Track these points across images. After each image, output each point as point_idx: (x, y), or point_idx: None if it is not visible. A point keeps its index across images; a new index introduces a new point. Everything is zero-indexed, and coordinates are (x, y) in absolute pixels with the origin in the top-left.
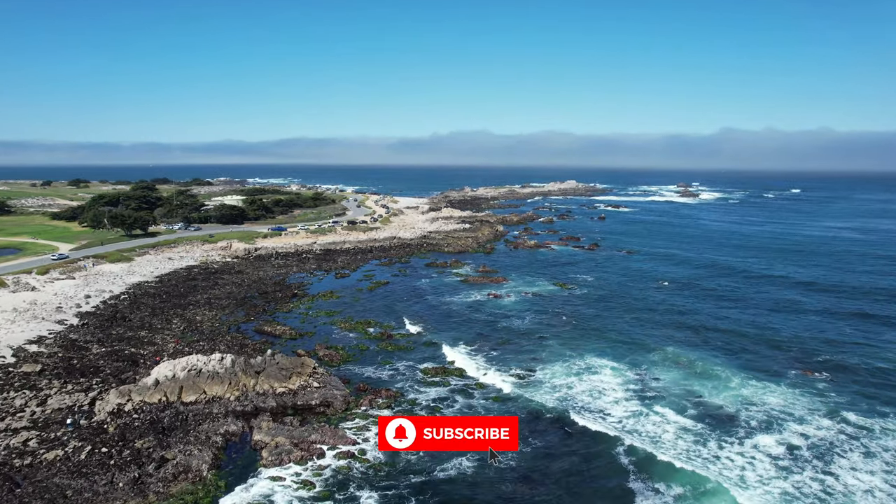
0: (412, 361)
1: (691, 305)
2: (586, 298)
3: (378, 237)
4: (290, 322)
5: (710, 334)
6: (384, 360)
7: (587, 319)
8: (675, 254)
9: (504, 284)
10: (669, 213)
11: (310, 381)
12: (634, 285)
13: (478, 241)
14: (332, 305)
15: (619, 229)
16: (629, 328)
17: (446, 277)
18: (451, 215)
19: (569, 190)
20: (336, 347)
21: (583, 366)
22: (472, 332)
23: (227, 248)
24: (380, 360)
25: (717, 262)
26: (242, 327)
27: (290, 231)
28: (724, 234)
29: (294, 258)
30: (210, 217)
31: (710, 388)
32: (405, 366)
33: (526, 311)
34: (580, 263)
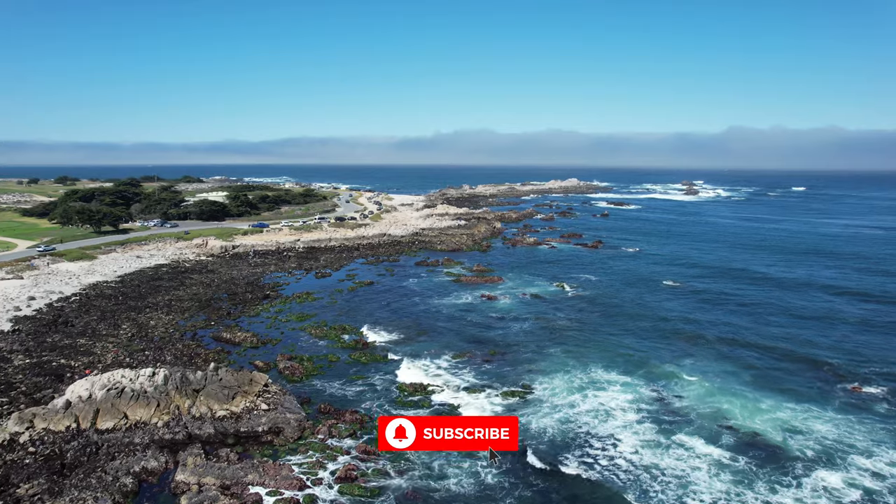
0: (389, 375)
1: (708, 311)
2: (590, 301)
3: (367, 234)
4: (255, 328)
5: (732, 345)
6: (356, 374)
7: (591, 325)
8: (686, 253)
9: (500, 285)
10: (675, 210)
11: (258, 401)
12: (643, 286)
13: (473, 239)
14: (306, 308)
15: (623, 227)
16: (640, 336)
17: (437, 277)
18: (447, 212)
19: (570, 188)
20: (301, 358)
21: (587, 380)
22: (461, 340)
23: (202, 246)
24: (351, 373)
25: (733, 263)
26: (199, 334)
27: (273, 228)
28: (737, 233)
29: (273, 256)
30: (190, 213)
31: (740, 410)
32: (380, 380)
33: (523, 315)
34: (583, 262)
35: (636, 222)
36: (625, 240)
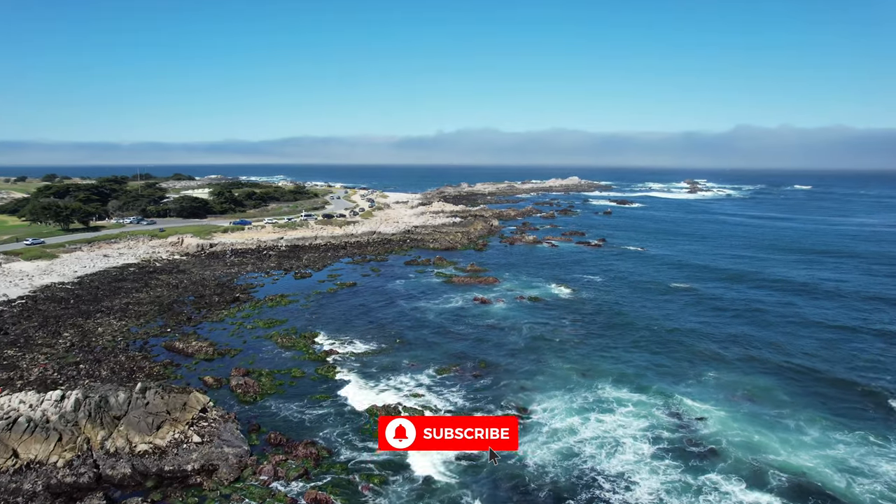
0: (360, 394)
1: (726, 318)
2: (594, 305)
3: (356, 232)
4: (216, 335)
5: (758, 359)
6: (321, 393)
7: (596, 333)
8: (695, 252)
9: (495, 287)
10: (680, 208)
11: (189, 431)
12: (651, 289)
13: (469, 237)
14: (277, 313)
15: (626, 225)
16: (650, 347)
17: (426, 278)
18: (442, 209)
19: (571, 186)
20: (259, 373)
21: (592, 399)
22: (448, 351)
23: (177, 245)
24: (316, 391)
25: (747, 265)
26: (150, 343)
27: (256, 225)
28: (747, 232)
29: (252, 255)
30: (170, 211)
31: (780, 443)
32: (348, 401)
33: (520, 321)
34: (586, 262)
35: (640, 220)
36: (629, 238)
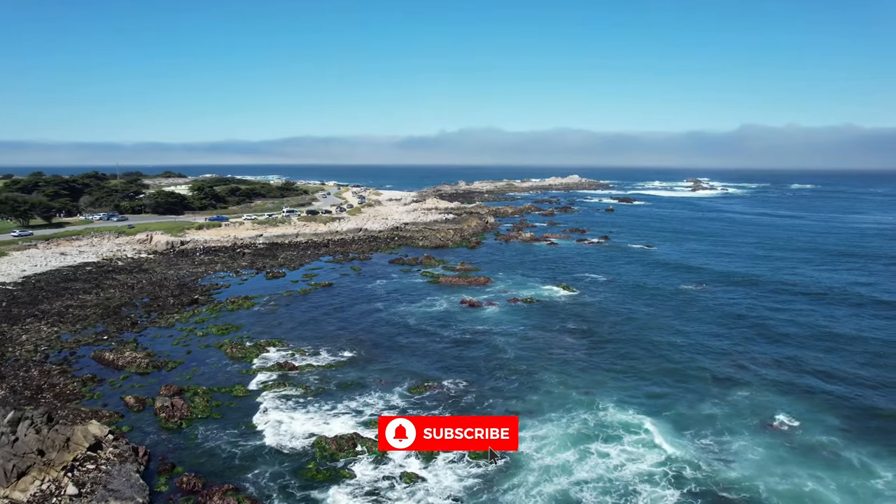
0: (310, 421)
1: (749, 324)
2: (598, 308)
3: (341, 229)
4: (158, 343)
5: (794, 375)
6: (267, 418)
7: (600, 341)
8: (704, 251)
9: (487, 287)
10: (687, 205)
11: (65, 479)
12: (663, 290)
13: (462, 234)
14: (237, 317)
15: (630, 223)
16: (665, 358)
17: (411, 278)
18: (436, 206)
19: (572, 185)
20: (195, 391)
21: (593, 424)
22: (426, 363)
23: (145, 242)
24: (259, 416)
25: (767, 265)
26: (79, 353)
27: (233, 222)
28: (761, 231)
29: (225, 253)
30: (145, 206)
31: (849, 494)
32: (295, 430)
33: (512, 327)
34: (587, 260)
35: (644, 218)
36: (633, 236)
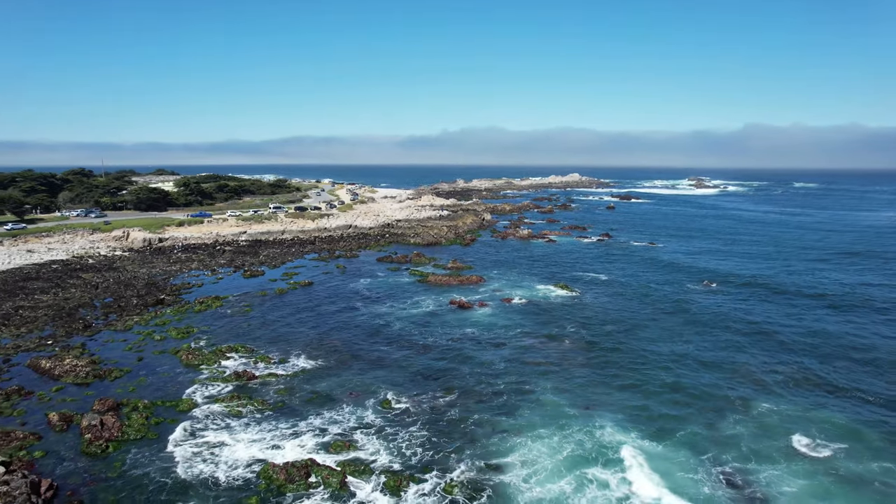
0: (262, 443)
1: (764, 328)
2: (599, 310)
3: (329, 226)
4: (109, 349)
5: (823, 386)
6: (205, 440)
7: (602, 347)
8: (714, 249)
9: (479, 287)
10: (690, 203)
11: None
12: (670, 290)
13: (456, 231)
14: (203, 319)
15: (633, 220)
16: (673, 366)
17: (399, 277)
18: (431, 203)
19: (572, 183)
20: (135, 405)
21: (590, 446)
22: (405, 373)
23: (121, 239)
24: (200, 436)
25: (779, 265)
26: (14, 360)
27: (217, 218)
28: (770, 230)
29: (205, 251)
30: (127, 202)
31: None
32: (237, 455)
33: (505, 332)
34: (587, 258)
35: (646, 216)
36: (635, 233)
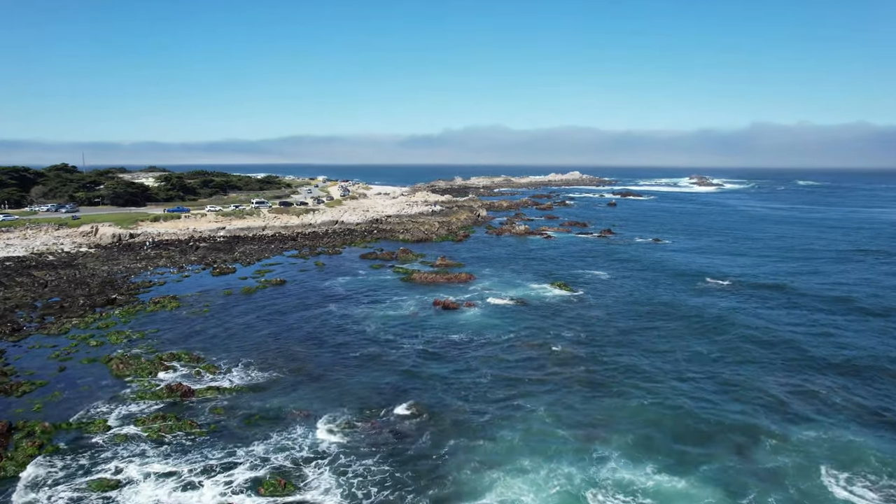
0: (181, 476)
1: (792, 336)
2: (601, 312)
3: (314, 221)
4: (32, 356)
5: (871, 410)
6: (102, 474)
7: (605, 356)
8: (725, 246)
9: (469, 286)
10: (694, 200)
11: None
12: (681, 289)
13: (448, 228)
14: (152, 322)
15: (636, 216)
16: (693, 381)
17: (381, 274)
18: (425, 199)
19: (572, 181)
20: (31, 429)
21: (588, 483)
22: (373, 385)
23: (89, 234)
24: (107, 468)
25: (804, 265)
26: None
27: (195, 213)
28: (783, 226)
29: (177, 247)
30: (103, 197)
31: None
32: (138, 501)
33: (494, 337)
34: (589, 255)
35: (650, 212)
36: (639, 230)
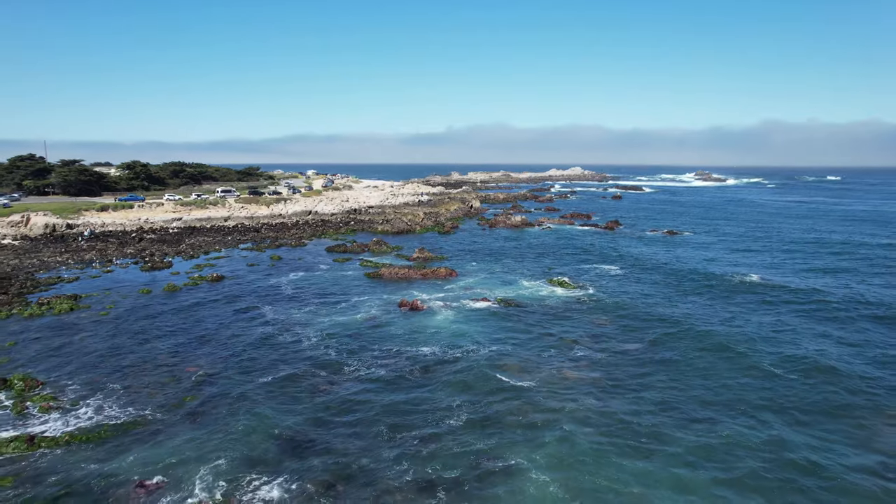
0: None
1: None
2: (616, 317)
3: (285, 212)
4: None
5: None
6: None
7: (629, 380)
8: (753, 237)
9: (449, 283)
10: (703, 193)
11: None
12: (709, 286)
13: (436, 219)
14: (26, 329)
15: (644, 208)
16: (762, 419)
17: (344, 269)
18: (415, 191)
19: (573, 177)
20: None
21: None
22: (270, 434)
23: (19, 225)
24: None
25: (860, 263)
26: None
27: (152, 202)
28: (807, 221)
29: (119, 239)
30: (54, 185)
31: None
32: None
33: (471, 352)
34: (594, 248)
35: (660, 205)
36: (650, 222)
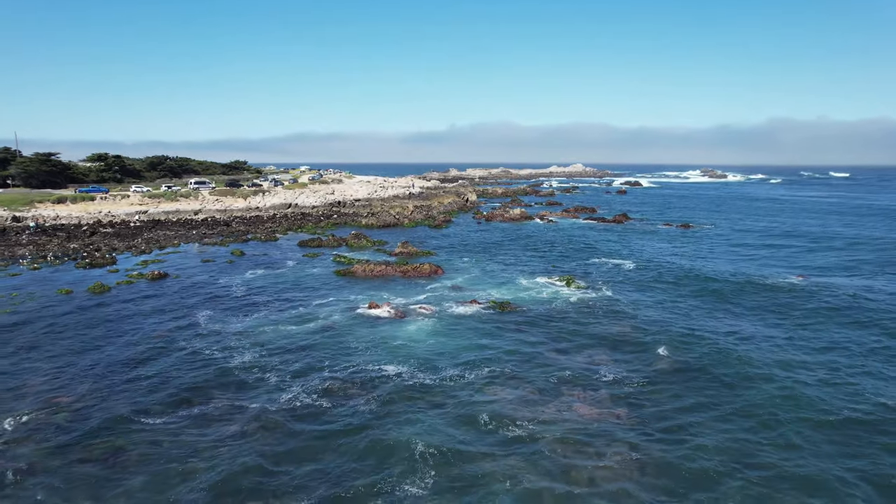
0: None
1: None
2: (639, 322)
3: (263, 205)
4: None
5: None
6: None
7: (660, 416)
8: (784, 230)
9: (433, 281)
10: (711, 188)
11: None
12: (743, 286)
13: (427, 213)
14: None
15: (652, 202)
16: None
17: (313, 266)
18: (408, 185)
19: (575, 173)
20: None
21: None
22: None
23: None
24: None
25: None
26: None
27: (116, 194)
28: (834, 216)
29: (69, 233)
30: (13, 177)
31: None
32: None
33: (448, 375)
34: (602, 243)
35: (668, 199)
36: (662, 216)
